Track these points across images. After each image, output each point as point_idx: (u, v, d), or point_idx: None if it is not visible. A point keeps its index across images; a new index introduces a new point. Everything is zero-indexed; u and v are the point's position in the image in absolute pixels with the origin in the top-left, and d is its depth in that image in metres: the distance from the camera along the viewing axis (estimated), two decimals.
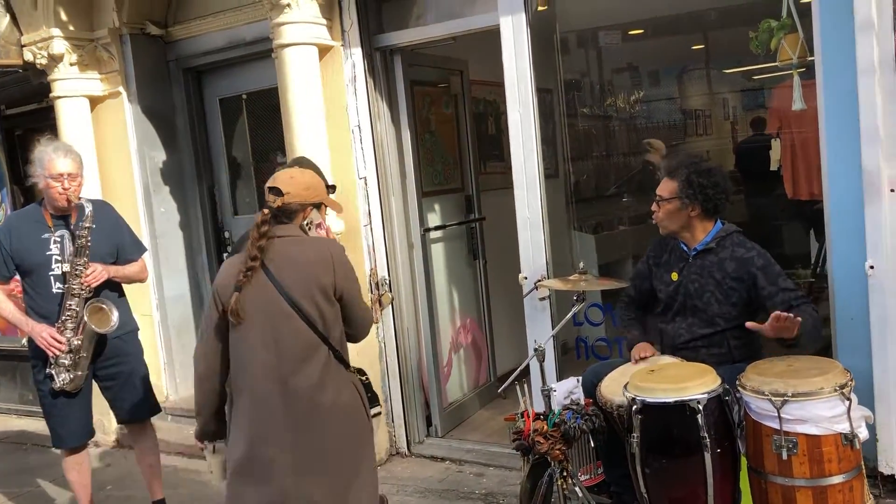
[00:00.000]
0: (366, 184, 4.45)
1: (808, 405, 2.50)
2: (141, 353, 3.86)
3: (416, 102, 4.71)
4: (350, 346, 4.27)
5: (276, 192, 2.61)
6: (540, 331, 3.91)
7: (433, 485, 4.12)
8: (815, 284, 4.64)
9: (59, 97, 5.13)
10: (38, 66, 5.14)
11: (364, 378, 2.92)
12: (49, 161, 3.50)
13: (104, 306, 3.60)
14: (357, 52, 4.35)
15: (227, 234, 5.66)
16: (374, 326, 4.49)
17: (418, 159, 4.65)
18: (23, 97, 5.83)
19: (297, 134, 4.21)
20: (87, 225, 3.52)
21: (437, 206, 5.01)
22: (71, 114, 5.15)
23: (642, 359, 3.23)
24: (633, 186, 6.91)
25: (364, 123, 4.41)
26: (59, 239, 3.58)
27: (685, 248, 3.32)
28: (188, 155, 5.56)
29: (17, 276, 3.66)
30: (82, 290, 3.52)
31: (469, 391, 5.16)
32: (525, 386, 3.22)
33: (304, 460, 2.51)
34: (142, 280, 3.90)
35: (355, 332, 2.74)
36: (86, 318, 3.52)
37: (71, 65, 5.09)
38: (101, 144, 5.27)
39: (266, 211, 2.58)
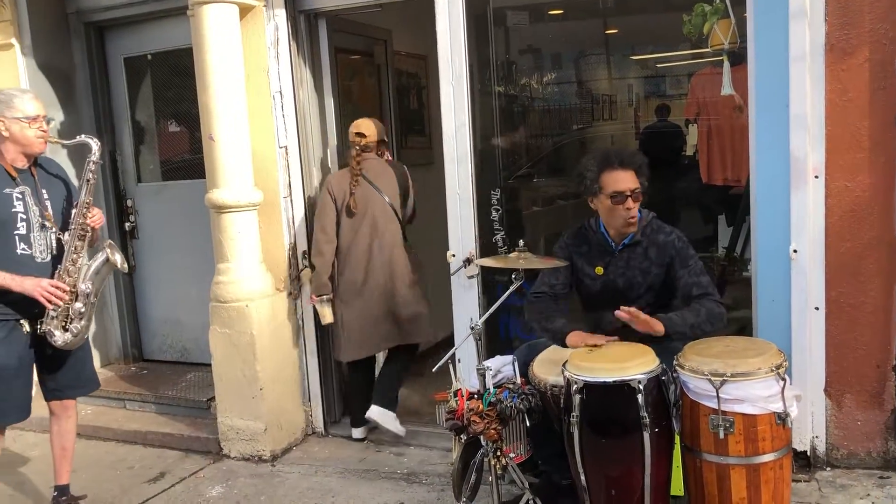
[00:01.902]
0: (286, 153, 4.26)
1: (745, 385, 2.54)
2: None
3: (340, 71, 4.53)
4: (268, 323, 4.13)
5: (361, 134, 4.10)
6: (469, 309, 3.86)
7: (353, 465, 4.02)
8: (728, 268, 4.78)
9: None
10: None
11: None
12: (22, 103, 3.20)
13: (109, 248, 3.36)
14: (280, 14, 4.14)
15: (129, 203, 5.33)
16: (292, 303, 4.32)
17: (341, 130, 4.48)
18: None
19: (215, 97, 3.98)
20: (96, 160, 3.32)
21: None
22: None
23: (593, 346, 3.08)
24: (543, 168, 6.96)
25: (286, 89, 4.21)
26: (20, 195, 3.23)
27: (609, 242, 3.26)
28: (88, 116, 5.19)
29: None
30: (86, 231, 3.28)
31: None
32: (457, 363, 3.15)
33: (378, 292, 4.09)
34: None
35: (412, 219, 4.29)
36: (108, 256, 3.30)
37: None
38: None
39: (357, 146, 4.10)
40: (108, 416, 4.79)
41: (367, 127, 4.12)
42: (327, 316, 4.12)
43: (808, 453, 3.43)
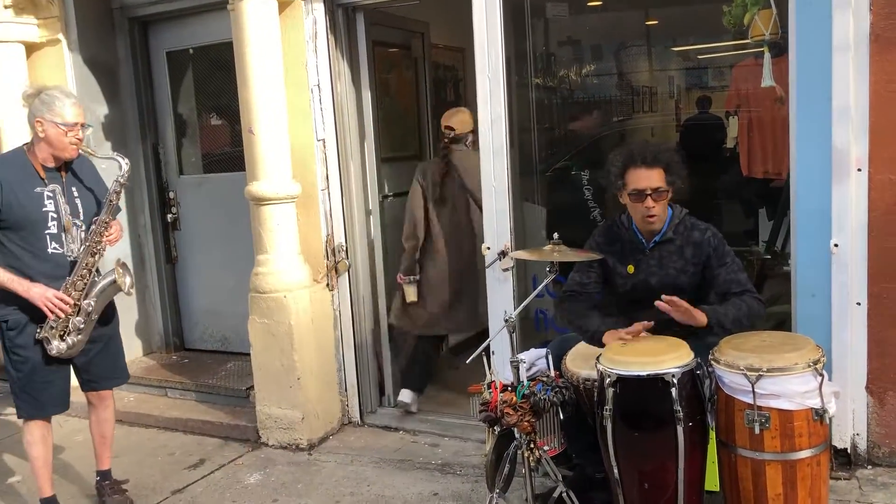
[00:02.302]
0: (324, 146, 4.30)
1: (782, 380, 2.51)
2: (118, 317, 3.63)
3: (377, 64, 4.56)
4: (305, 313, 4.18)
5: (450, 128, 4.35)
6: (503, 302, 3.86)
7: (388, 454, 4.05)
8: (768, 262, 4.71)
9: None
10: None
11: None
12: (64, 108, 3.21)
13: (122, 269, 3.38)
14: (319, 8, 4.17)
15: (171, 195, 5.44)
16: (329, 294, 4.37)
17: (378, 123, 4.52)
18: None
19: (254, 91, 4.03)
20: (123, 182, 3.34)
21: (395, 173, 4.89)
22: (4, 60, 4.82)
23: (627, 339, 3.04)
24: (582, 160, 6.91)
25: (324, 83, 4.25)
26: (51, 194, 3.26)
27: (641, 239, 3.23)
28: (132, 110, 5.31)
29: None
30: (100, 249, 3.30)
31: None
32: (491, 356, 3.17)
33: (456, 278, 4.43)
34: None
35: None
36: (115, 278, 3.32)
37: (5, 7, 4.77)
38: None
39: (446, 138, 4.35)
40: (150, 404, 4.90)
41: (456, 120, 4.37)
42: (411, 295, 4.41)
43: (849, 451, 3.37)
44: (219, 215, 5.25)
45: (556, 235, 3.06)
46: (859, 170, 3.22)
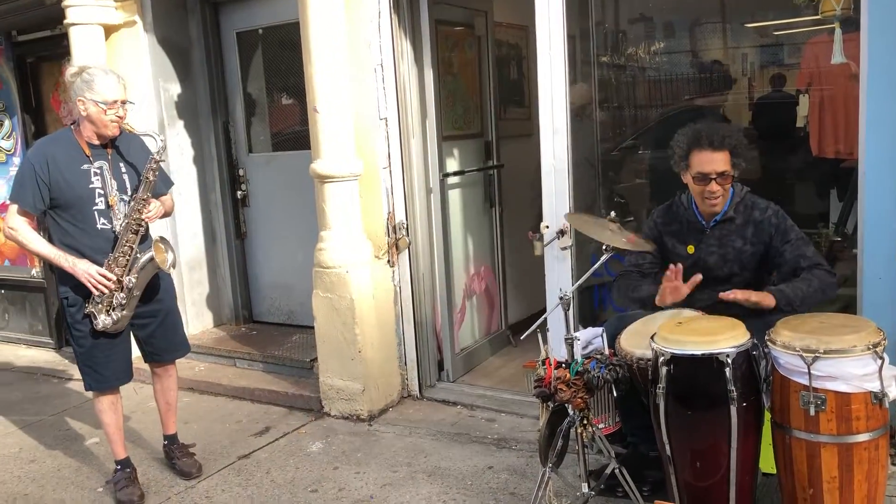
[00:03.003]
0: (386, 125, 4.37)
1: (839, 362, 2.47)
2: (175, 292, 3.74)
3: (440, 43, 4.59)
4: (367, 288, 4.28)
5: None
6: (561, 280, 3.87)
7: (446, 428, 4.14)
8: (836, 244, 4.59)
9: (72, 24, 5.00)
10: None
11: None
12: (104, 86, 3.26)
13: (162, 245, 3.44)
14: None
15: (241, 172, 5.60)
16: (390, 270, 4.46)
17: (440, 102, 4.55)
18: (35, 24, 5.69)
19: (319, 70, 4.12)
20: (158, 159, 3.39)
21: (455, 151, 4.94)
22: (85, 42, 5.03)
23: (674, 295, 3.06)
24: (649, 140, 6.82)
25: (387, 62, 4.31)
26: (98, 170, 3.35)
27: (700, 220, 3.21)
28: (203, 89, 5.48)
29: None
30: (140, 226, 3.38)
31: (481, 338, 5.15)
32: (547, 333, 3.20)
33: None
34: (169, 215, 3.76)
35: None
36: (154, 255, 3.37)
37: None
38: None
39: None
40: (220, 373, 5.10)
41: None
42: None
43: None
44: (286, 193, 5.39)
45: (612, 214, 3.06)
46: None
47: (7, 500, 3.72)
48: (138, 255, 3.38)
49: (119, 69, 5.07)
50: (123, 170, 3.43)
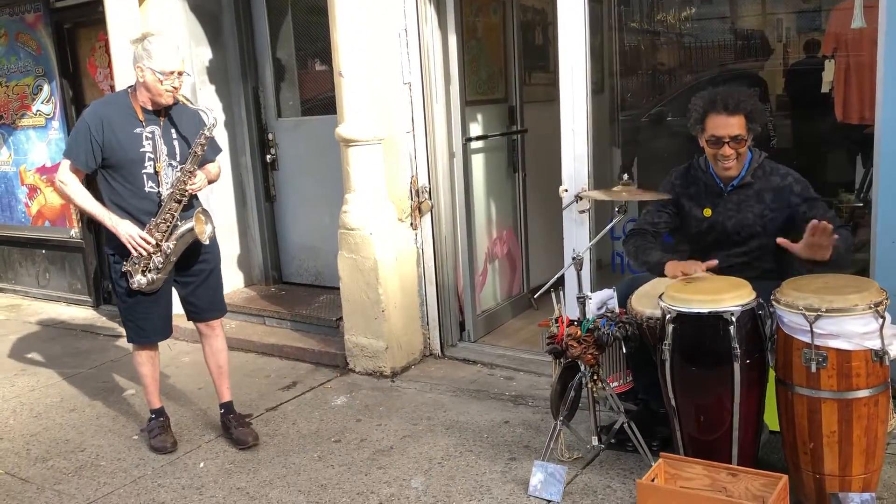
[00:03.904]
0: (410, 89, 4.45)
1: (841, 321, 2.54)
2: (220, 254, 3.81)
3: (464, 8, 4.64)
4: (390, 250, 4.39)
5: None
6: (578, 243, 3.95)
7: (465, 385, 4.27)
8: (857, 210, 4.60)
9: None
10: None
11: None
12: (162, 56, 3.32)
13: (203, 216, 3.51)
14: None
15: (270, 137, 5.73)
16: (412, 233, 4.57)
17: (463, 67, 4.62)
18: None
19: (343, 35, 4.21)
20: (208, 134, 3.44)
21: (479, 116, 5.00)
22: (119, 8, 5.16)
23: (685, 275, 3.08)
24: (677, 106, 6.80)
25: (411, 27, 4.38)
26: (150, 135, 3.42)
27: (719, 183, 3.26)
28: (234, 54, 5.60)
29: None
30: (184, 196, 3.44)
31: (502, 300, 5.26)
32: (561, 293, 3.29)
33: None
34: (214, 182, 3.79)
35: None
36: (193, 226, 3.45)
37: None
38: None
39: None
40: (250, 331, 5.28)
41: None
42: None
43: None
44: (314, 157, 5.51)
45: (625, 176, 3.14)
46: None
47: (50, 445, 3.94)
48: (179, 224, 3.46)
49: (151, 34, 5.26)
50: (174, 136, 3.49)
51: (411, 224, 4.56)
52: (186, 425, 4.04)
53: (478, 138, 4.95)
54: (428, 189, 4.55)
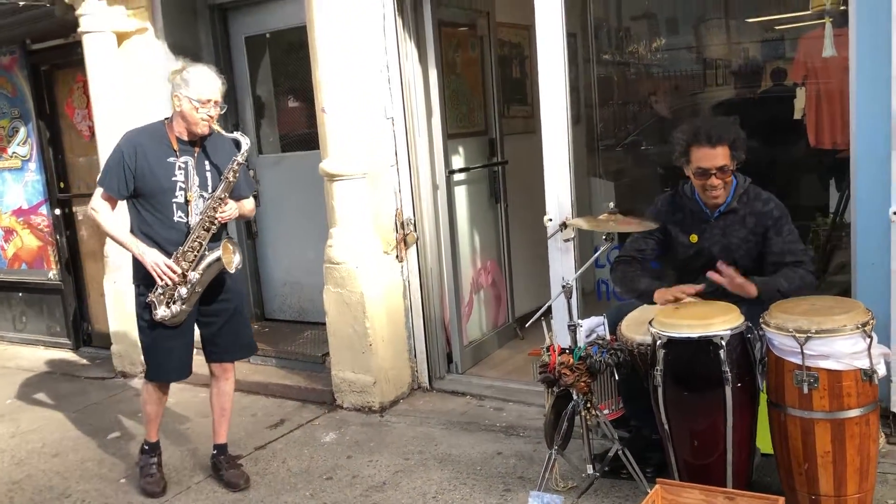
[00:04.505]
0: (393, 124, 4.49)
1: (830, 341, 2.58)
2: (243, 292, 3.74)
3: (443, 43, 4.72)
4: (376, 283, 4.39)
5: None
6: (564, 271, 3.98)
7: (455, 417, 4.26)
8: (833, 233, 4.70)
9: (86, 32, 5.14)
10: (66, 1, 5.15)
11: None
12: (201, 84, 3.32)
13: (231, 245, 3.46)
14: None
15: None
16: (398, 265, 4.58)
17: (444, 101, 4.68)
18: (49, 32, 5.83)
19: (326, 72, 4.26)
20: (241, 161, 3.41)
21: (460, 149, 5.06)
22: (98, 49, 5.17)
23: (676, 300, 3.16)
24: (651, 135, 6.93)
25: (392, 63, 4.44)
26: (183, 165, 3.40)
27: (705, 210, 3.31)
28: None
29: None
30: (213, 224, 3.40)
31: (488, 331, 5.27)
32: (550, 321, 3.31)
33: None
34: (247, 218, 3.72)
35: None
36: (220, 255, 3.39)
37: None
38: (128, 80, 5.31)
39: None
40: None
41: None
42: None
43: None
44: (296, 192, 5.52)
45: (611, 205, 3.18)
46: None
47: (33, 492, 3.86)
48: (206, 253, 3.41)
49: (131, 75, 5.29)
50: (208, 168, 3.46)
51: (397, 256, 4.57)
52: (175, 466, 3.98)
53: (460, 170, 5.00)
54: (413, 221, 4.57)
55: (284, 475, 3.79)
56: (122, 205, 3.54)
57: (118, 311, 5.48)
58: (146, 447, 3.80)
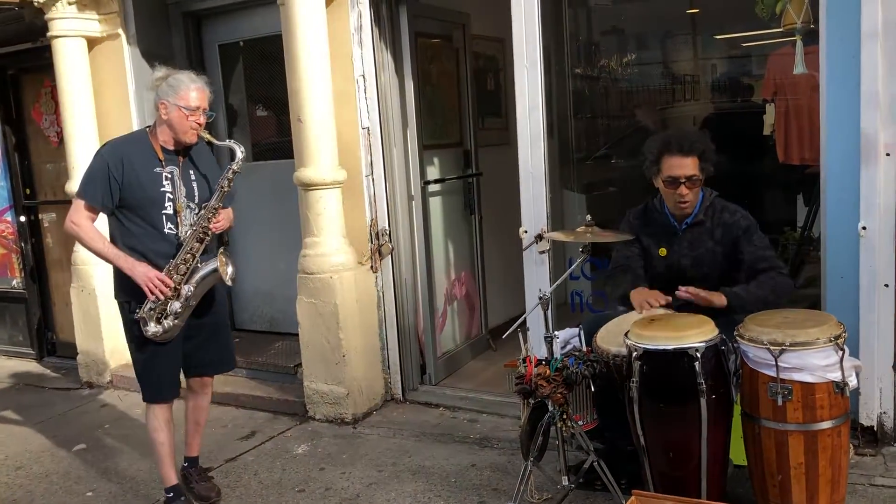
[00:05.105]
0: (368, 134, 4.49)
1: (804, 354, 2.62)
2: (226, 306, 3.65)
3: (419, 55, 4.73)
4: (350, 294, 4.37)
5: None
6: (539, 283, 3.99)
7: (429, 429, 4.24)
8: (802, 247, 4.78)
9: (56, 36, 5.09)
10: (36, 4, 5.08)
11: None
12: (189, 91, 3.23)
13: (224, 258, 3.33)
14: (363, 1, 4.35)
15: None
16: (373, 276, 4.56)
17: (420, 112, 4.69)
18: (16, 36, 5.74)
19: (302, 81, 4.23)
20: (236, 169, 3.30)
21: (436, 160, 5.07)
22: (68, 54, 5.11)
23: (649, 306, 3.20)
24: (622, 149, 6.99)
25: (368, 73, 4.44)
26: (169, 175, 3.27)
27: (673, 222, 3.36)
28: None
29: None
30: (206, 235, 3.29)
31: (461, 342, 5.27)
32: (527, 333, 3.32)
33: None
34: (228, 229, 3.61)
35: None
36: (217, 266, 3.28)
37: (69, 3, 5.04)
38: (98, 87, 5.24)
39: None
40: None
41: None
42: None
43: (875, 429, 3.45)
44: (268, 202, 5.48)
45: (588, 217, 3.20)
46: (888, 154, 3.29)
47: None
48: (199, 265, 3.30)
49: (102, 81, 5.22)
50: (193, 177, 3.36)
51: (372, 267, 4.55)
52: (142, 479, 3.91)
53: (435, 181, 5.00)
54: (388, 232, 4.56)
55: (256, 488, 3.74)
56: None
57: (85, 321, 5.39)
58: (169, 493, 3.48)
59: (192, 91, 3.24)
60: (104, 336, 5.29)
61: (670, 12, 6.63)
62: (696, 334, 2.82)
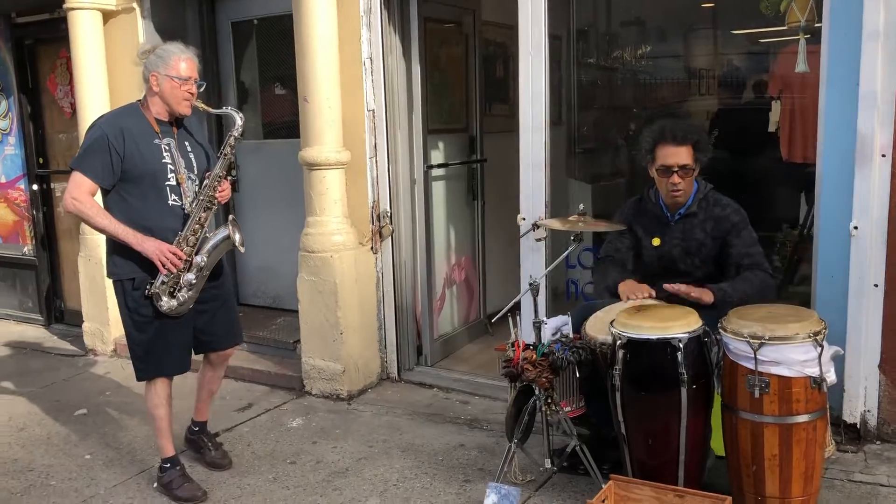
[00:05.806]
0: (373, 116, 4.54)
1: (782, 348, 2.67)
2: (230, 278, 3.60)
3: (428, 39, 4.76)
4: (350, 273, 4.43)
5: None
6: (534, 270, 4.04)
7: (421, 408, 4.32)
8: (800, 245, 4.80)
9: (72, 8, 5.15)
10: None
11: None
12: (179, 61, 3.19)
13: (232, 225, 3.33)
14: None
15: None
16: (373, 257, 4.63)
17: (426, 96, 4.73)
18: (35, 6, 5.82)
19: (310, 62, 4.29)
20: (237, 135, 3.30)
21: (440, 145, 5.11)
22: (84, 26, 5.18)
23: (636, 297, 3.25)
24: (633, 140, 6.99)
25: (376, 56, 4.48)
26: (167, 147, 3.24)
27: (666, 213, 3.41)
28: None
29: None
30: (213, 204, 3.27)
31: (459, 326, 5.34)
32: (517, 318, 3.38)
33: None
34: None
35: None
36: (229, 234, 3.27)
37: None
38: (111, 60, 5.31)
39: None
40: None
41: None
42: None
43: (858, 426, 3.50)
44: (275, 179, 5.55)
45: (581, 206, 3.25)
46: (883, 155, 3.32)
47: None
48: (207, 235, 3.28)
49: (115, 54, 5.29)
50: (189, 148, 3.34)
51: (372, 248, 4.62)
52: (139, 446, 4.01)
53: (439, 166, 5.05)
54: (389, 214, 4.62)
55: (249, 458, 3.83)
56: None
57: (91, 289, 5.50)
58: (166, 464, 3.49)
59: (182, 61, 3.22)
60: (109, 305, 5.38)
61: (682, 4, 6.61)
62: (681, 325, 2.87)
